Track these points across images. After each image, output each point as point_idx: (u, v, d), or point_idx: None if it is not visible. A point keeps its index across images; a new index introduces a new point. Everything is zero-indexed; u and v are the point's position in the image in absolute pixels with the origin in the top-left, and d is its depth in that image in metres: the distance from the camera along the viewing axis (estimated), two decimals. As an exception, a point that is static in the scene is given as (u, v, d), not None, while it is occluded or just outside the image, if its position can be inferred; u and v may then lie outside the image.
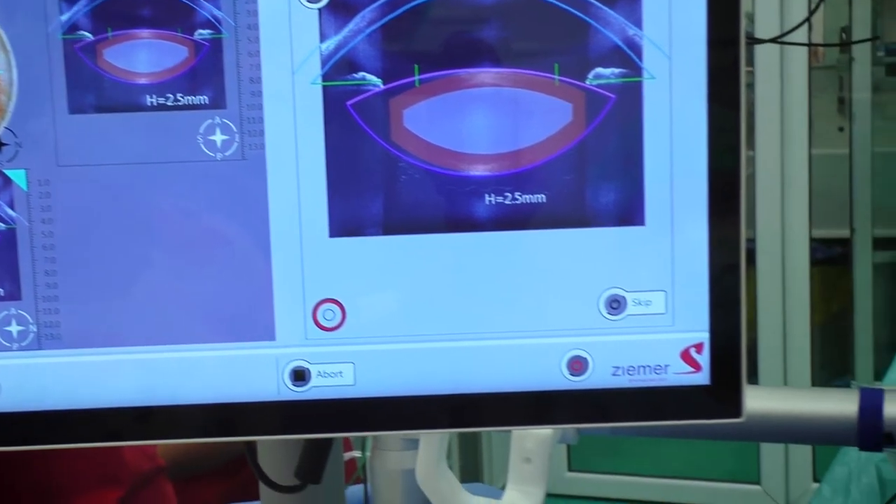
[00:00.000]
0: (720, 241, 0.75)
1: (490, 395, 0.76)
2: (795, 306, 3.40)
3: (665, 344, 0.78)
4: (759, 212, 3.38)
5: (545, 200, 0.74)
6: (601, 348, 0.77)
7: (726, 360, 0.77)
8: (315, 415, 0.74)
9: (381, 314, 0.74)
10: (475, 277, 0.74)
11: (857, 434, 1.11)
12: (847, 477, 1.84)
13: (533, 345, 0.77)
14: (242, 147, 0.72)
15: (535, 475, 1.16)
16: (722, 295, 0.76)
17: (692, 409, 0.78)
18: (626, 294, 0.75)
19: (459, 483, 1.19)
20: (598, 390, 0.77)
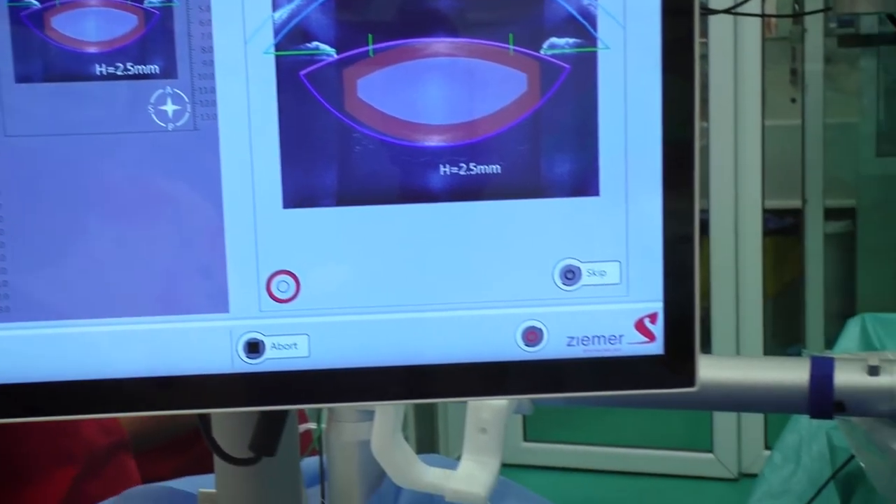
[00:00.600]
0: (674, 211, 0.75)
1: (445, 366, 0.76)
2: (748, 276, 3.44)
3: (619, 314, 0.78)
4: (713, 182, 3.40)
5: (500, 171, 0.73)
6: (556, 319, 0.77)
7: (680, 329, 0.78)
8: (269, 387, 0.74)
9: (335, 286, 0.73)
10: (430, 248, 0.74)
11: (808, 402, 1.12)
12: (798, 444, 1.86)
13: (488, 316, 0.77)
14: (194, 117, 0.71)
15: (491, 446, 1.16)
16: (676, 265, 0.76)
17: (646, 379, 0.79)
18: (581, 265, 0.76)
19: (415, 454, 1.19)
20: (553, 361, 0.77)
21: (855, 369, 1.11)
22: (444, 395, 0.80)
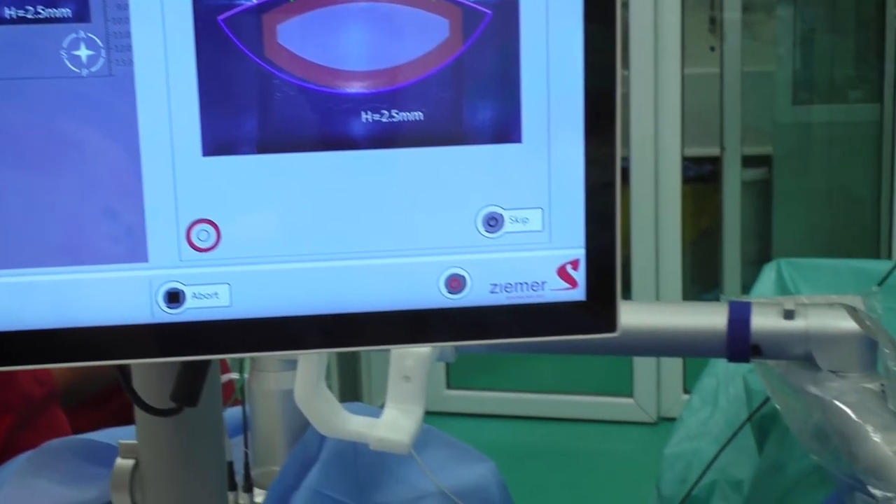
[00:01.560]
0: (596, 158, 0.75)
1: (368, 314, 0.76)
2: (667, 223, 3.47)
3: (542, 261, 0.78)
4: (633, 130, 3.42)
5: (422, 118, 0.73)
6: (479, 266, 0.77)
7: (601, 276, 0.78)
8: (190, 337, 0.73)
9: (256, 234, 0.73)
10: (352, 196, 0.73)
11: (726, 346, 1.14)
12: (715, 388, 1.90)
13: (411, 263, 0.76)
14: (109, 63, 0.69)
15: (414, 393, 1.17)
16: (597, 212, 0.76)
17: (569, 325, 0.79)
18: (504, 212, 0.76)
19: (338, 403, 1.19)
20: (476, 308, 0.78)
21: (771, 313, 1.13)
22: (368, 343, 0.80)
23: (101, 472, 1.18)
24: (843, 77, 3.91)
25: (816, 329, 1.11)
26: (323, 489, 1.26)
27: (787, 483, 1.38)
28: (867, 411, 1.05)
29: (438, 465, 1.33)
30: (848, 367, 1.10)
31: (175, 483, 0.83)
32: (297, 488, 1.26)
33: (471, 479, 1.34)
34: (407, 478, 1.32)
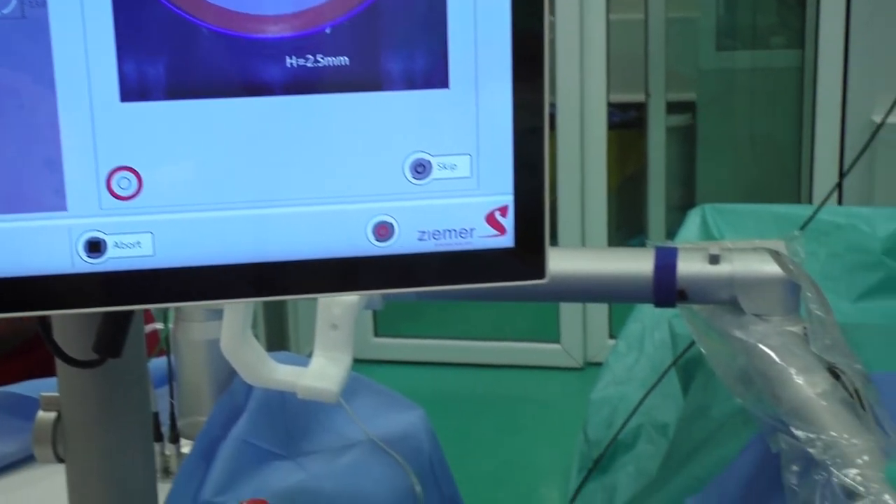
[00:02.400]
0: (524, 104, 0.74)
1: (295, 263, 0.75)
2: (593, 169, 3.49)
3: (470, 207, 0.78)
4: (559, 76, 3.42)
5: (347, 63, 0.72)
6: (407, 213, 0.76)
7: (530, 222, 0.78)
8: (112, 287, 0.71)
9: (179, 182, 0.71)
10: (275, 143, 0.72)
11: (652, 291, 1.15)
12: (641, 333, 1.92)
13: (337, 211, 0.75)
14: (22, 4, 0.67)
15: (342, 342, 1.16)
16: (526, 158, 0.76)
17: (497, 272, 0.79)
18: (431, 158, 0.75)
19: (265, 352, 1.18)
20: (404, 255, 0.77)
21: (696, 258, 1.14)
22: (294, 292, 0.79)
23: (23, 425, 1.17)
24: (766, 23, 3.94)
25: (741, 273, 1.13)
26: (250, 439, 1.26)
27: (711, 425, 1.40)
28: (790, 354, 1.06)
29: (367, 413, 1.33)
30: (771, 310, 1.12)
31: (98, 435, 0.82)
32: (225, 438, 1.25)
33: (399, 427, 1.35)
34: (335, 426, 1.32)
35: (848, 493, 0.89)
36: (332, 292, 0.79)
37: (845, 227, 1.81)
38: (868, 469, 0.90)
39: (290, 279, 0.76)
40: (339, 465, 1.25)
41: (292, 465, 1.28)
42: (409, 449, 1.31)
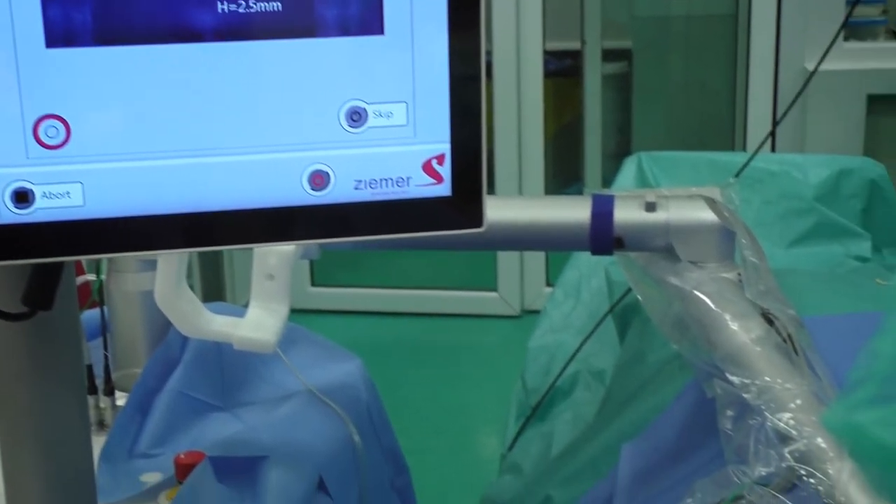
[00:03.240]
0: (460, 51, 0.74)
1: (229, 212, 0.74)
2: (529, 118, 3.49)
3: (407, 156, 0.77)
4: (495, 24, 3.41)
5: (280, 9, 0.70)
6: (342, 162, 0.76)
7: (467, 171, 0.78)
8: (42, 238, 0.70)
9: (108, 131, 0.70)
10: (207, 91, 0.71)
11: (589, 239, 1.15)
12: (578, 281, 1.93)
13: (272, 160, 0.74)
14: (-60, -54, 0.65)
15: (279, 292, 1.16)
16: (462, 106, 0.75)
17: (435, 221, 0.79)
18: (367, 106, 0.74)
19: (201, 303, 1.17)
20: (340, 205, 0.76)
21: (633, 206, 1.15)
22: (229, 242, 0.78)
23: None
24: (701, -30, 3.95)
25: (677, 220, 1.13)
26: (187, 390, 1.25)
27: (647, 372, 1.42)
28: (725, 300, 1.07)
29: (305, 364, 1.33)
30: (707, 257, 1.13)
31: (31, 389, 0.81)
32: (160, 390, 1.24)
33: (337, 377, 1.35)
34: (273, 377, 1.32)
35: (781, 436, 0.90)
36: (268, 242, 0.78)
37: (778, 174, 1.82)
38: (801, 413, 0.92)
39: (225, 229, 0.75)
40: (276, 416, 1.25)
41: (229, 416, 1.27)
42: (347, 398, 1.31)
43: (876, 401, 0.44)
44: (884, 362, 0.45)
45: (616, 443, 1.30)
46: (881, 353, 0.45)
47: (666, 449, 1.19)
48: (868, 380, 0.45)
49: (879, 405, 0.44)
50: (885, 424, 0.43)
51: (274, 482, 1.12)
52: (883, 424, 0.43)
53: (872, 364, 0.45)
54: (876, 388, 0.44)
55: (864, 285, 1.54)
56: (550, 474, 1.50)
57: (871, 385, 0.45)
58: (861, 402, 0.45)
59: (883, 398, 0.44)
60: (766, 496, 0.86)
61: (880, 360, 0.45)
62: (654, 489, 1.14)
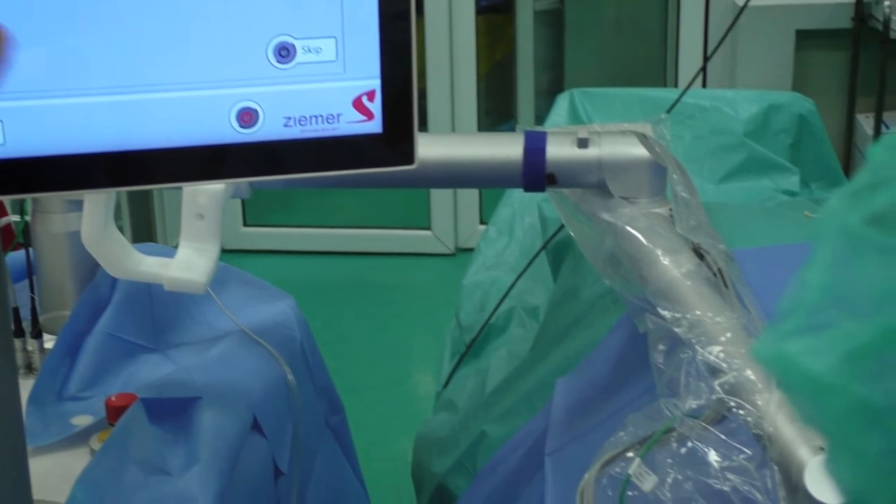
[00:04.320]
0: (390, -15, 0.73)
1: (156, 151, 0.73)
2: (462, 54, 3.46)
3: (336, 92, 0.76)
4: (426, -41, 3.37)
5: (206, -59, 0.69)
6: (271, 98, 0.74)
7: (398, 107, 0.77)
8: (-39, 179, 0.68)
9: (29, 67, 0.68)
10: (133, 26, 0.69)
11: (522, 176, 1.15)
12: (511, 218, 1.93)
13: (199, 97, 0.73)
14: None
15: (209, 232, 1.14)
16: (392, 42, 0.74)
17: (366, 158, 0.78)
18: (296, 41, 0.73)
19: (130, 244, 1.16)
20: (269, 142, 0.75)
21: (565, 142, 1.15)
22: (157, 181, 0.77)
23: None
24: None
25: (609, 156, 1.13)
26: (116, 332, 1.23)
27: (580, 307, 1.43)
28: (657, 236, 1.08)
29: (237, 304, 1.32)
30: (638, 193, 1.13)
31: (-45, 333, 0.79)
32: (89, 333, 1.23)
33: (270, 316, 1.34)
34: (205, 318, 1.31)
35: (711, 369, 0.91)
36: (197, 181, 0.77)
37: (709, 109, 1.83)
38: (731, 346, 0.93)
39: (152, 168, 0.74)
40: (209, 357, 1.24)
41: (161, 357, 1.26)
42: (281, 338, 1.31)
43: (804, 331, 0.45)
44: (812, 292, 0.45)
45: (550, 378, 1.31)
46: (809, 284, 0.45)
47: (599, 383, 1.21)
48: (797, 310, 0.45)
49: (808, 335, 0.44)
50: (813, 354, 0.43)
51: (207, 423, 1.11)
52: (811, 354, 0.44)
53: (801, 294, 0.45)
54: (804, 319, 0.45)
55: (793, 218, 1.56)
56: (485, 410, 1.51)
57: (799, 315, 0.45)
58: (790, 332, 0.45)
59: (811, 328, 0.44)
60: (696, 428, 0.87)
61: (809, 291, 0.45)
62: (588, 423, 1.15)
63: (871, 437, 0.42)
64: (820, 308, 0.44)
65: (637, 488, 0.83)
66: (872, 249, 0.42)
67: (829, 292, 0.44)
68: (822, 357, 0.43)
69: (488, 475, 1.34)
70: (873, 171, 0.44)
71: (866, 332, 0.41)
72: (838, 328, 0.43)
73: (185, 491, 1.03)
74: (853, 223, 0.43)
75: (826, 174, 1.89)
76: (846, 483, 0.46)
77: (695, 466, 0.84)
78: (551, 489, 1.10)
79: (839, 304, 0.43)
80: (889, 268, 0.41)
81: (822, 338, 0.43)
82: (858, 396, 0.42)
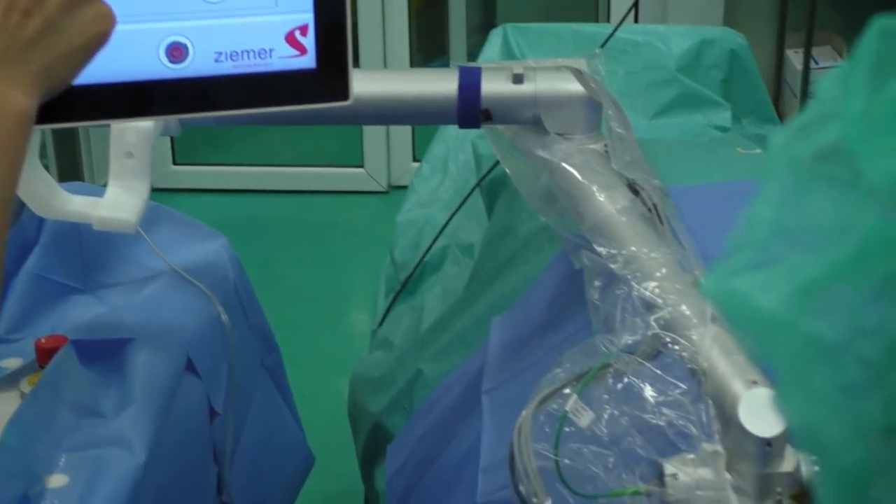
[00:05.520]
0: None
1: (84, 87, 0.71)
2: (394, -10, 3.42)
3: (269, 27, 0.75)
4: None
5: None
6: (202, 33, 0.73)
7: (331, 42, 0.76)
8: None
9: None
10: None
11: (456, 112, 1.14)
12: (445, 155, 1.92)
13: (127, 31, 0.71)
14: None
15: (138, 170, 1.12)
16: (324, -25, 0.73)
17: (300, 94, 0.77)
18: (226, -27, 0.71)
19: (57, 183, 1.13)
20: (200, 78, 0.74)
21: (500, 78, 1.14)
22: (83, 118, 0.75)
23: None
24: None
25: (544, 92, 1.13)
26: (45, 273, 1.21)
27: (516, 245, 1.43)
28: (592, 172, 1.08)
29: (168, 243, 1.30)
30: (574, 129, 1.13)
31: None
32: (16, 274, 1.20)
33: (203, 256, 1.32)
34: (136, 257, 1.29)
35: (647, 305, 0.91)
36: (125, 118, 0.76)
37: (642, 45, 1.83)
38: (666, 282, 0.93)
39: (79, 104, 0.72)
40: (141, 297, 1.22)
41: (91, 298, 1.24)
42: (214, 278, 1.29)
43: (754, 266, 0.45)
44: (761, 228, 0.45)
45: (486, 316, 1.31)
46: (758, 219, 0.45)
47: (535, 321, 1.21)
48: (745, 246, 0.45)
49: (757, 271, 0.44)
50: (762, 290, 0.43)
51: (140, 364, 1.10)
52: (761, 290, 0.43)
53: (749, 230, 0.45)
54: (753, 254, 0.45)
55: (726, 155, 1.57)
56: (421, 349, 1.51)
57: (748, 251, 0.45)
58: (739, 268, 0.45)
59: (760, 264, 0.44)
60: (631, 363, 0.87)
61: (757, 226, 0.45)
62: (524, 361, 1.16)
63: (821, 373, 0.42)
64: (769, 244, 0.44)
65: (574, 424, 0.83)
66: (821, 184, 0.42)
67: (777, 228, 0.44)
68: (772, 293, 0.42)
69: (425, 414, 1.34)
70: (821, 105, 0.44)
71: (816, 267, 0.41)
72: (788, 264, 0.43)
73: (120, 433, 1.02)
74: (801, 158, 0.43)
75: (757, 109, 1.90)
76: (796, 418, 0.46)
77: (631, 402, 0.85)
78: (488, 426, 1.11)
79: (788, 240, 0.43)
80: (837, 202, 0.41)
81: (772, 273, 0.43)
82: (808, 332, 0.42)
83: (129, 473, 0.98)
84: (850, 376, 0.41)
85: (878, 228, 0.40)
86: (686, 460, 0.80)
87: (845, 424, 0.42)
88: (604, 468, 0.81)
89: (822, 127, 0.43)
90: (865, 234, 0.40)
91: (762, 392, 0.78)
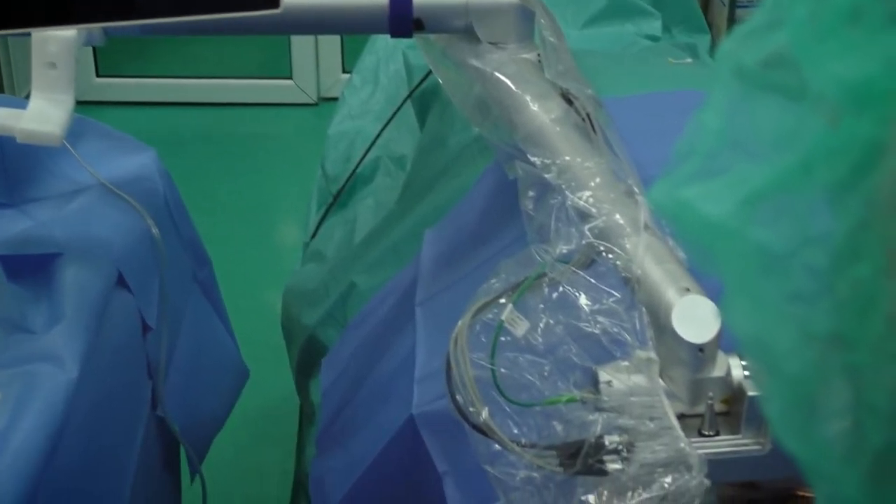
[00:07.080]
0: None
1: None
2: None
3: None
4: None
5: None
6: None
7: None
8: None
9: None
10: None
11: (387, 21, 1.12)
12: (376, 66, 1.90)
13: (46, -65, 0.69)
14: None
15: (62, 81, 1.09)
16: None
17: (229, 1, 0.75)
18: None
19: (-23, 95, 1.10)
20: (124, -16, 0.71)
21: (432, -13, 1.12)
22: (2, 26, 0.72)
23: None
24: None
25: (476, 1, 1.11)
26: (-32, 188, 1.18)
27: (449, 155, 1.42)
28: (525, 81, 1.07)
29: (95, 156, 1.27)
30: (506, 38, 1.12)
31: None
32: (-62, 190, 1.17)
33: (131, 169, 1.30)
34: (62, 171, 1.26)
35: (581, 214, 0.91)
36: (45, 26, 0.73)
37: (574, -48, 1.81)
38: (600, 191, 0.93)
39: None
40: (68, 211, 1.20)
41: (16, 212, 1.21)
42: (143, 191, 1.27)
43: (700, 175, 0.44)
44: (707, 136, 0.44)
45: (419, 228, 1.31)
46: (705, 127, 0.45)
47: (469, 232, 1.21)
48: (692, 155, 0.45)
49: (704, 180, 0.44)
50: (709, 199, 0.43)
51: (70, 279, 1.08)
52: (707, 199, 0.43)
53: (696, 139, 0.45)
54: (700, 163, 0.44)
55: (657, 65, 1.57)
56: (354, 261, 1.50)
57: (695, 160, 0.44)
58: (685, 177, 0.44)
59: (707, 172, 0.44)
60: (566, 272, 0.87)
61: (704, 135, 0.44)
62: (458, 273, 1.16)
63: (769, 282, 0.42)
64: (716, 152, 0.43)
65: (510, 334, 0.83)
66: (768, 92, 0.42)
67: (724, 136, 0.44)
68: (719, 202, 0.42)
69: (358, 326, 1.34)
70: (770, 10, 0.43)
71: (763, 175, 0.41)
72: (735, 172, 0.43)
73: (50, 348, 1.00)
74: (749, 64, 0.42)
75: (687, 18, 1.90)
76: (744, 329, 0.46)
77: (566, 310, 0.85)
78: (423, 338, 1.11)
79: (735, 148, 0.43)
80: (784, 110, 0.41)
81: (719, 182, 0.42)
82: (756, 241, 0.42)
83: (60, 389, 0.97)
84: (798, 284, 0.42)
85: (823, 137, 0.40)
86: (620, 367, 0.81)
87: (792, 332, 0.42)
88: (539, 376, 0.82)
89: (769, 33, 0.42)
90: (810, 144, 0.40)
91: (695, 299, 0.79)
